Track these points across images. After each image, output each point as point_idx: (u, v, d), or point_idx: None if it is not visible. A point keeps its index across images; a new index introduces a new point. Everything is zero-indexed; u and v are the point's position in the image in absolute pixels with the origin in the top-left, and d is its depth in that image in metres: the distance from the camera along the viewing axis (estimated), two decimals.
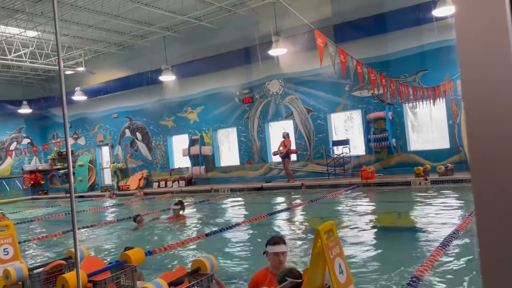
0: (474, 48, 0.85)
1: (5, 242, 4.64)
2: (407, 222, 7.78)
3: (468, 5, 0.86)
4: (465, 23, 0.86)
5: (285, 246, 3.55)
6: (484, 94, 0.85)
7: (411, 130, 14.16)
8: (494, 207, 0.83)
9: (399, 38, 13.58)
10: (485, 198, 0.84)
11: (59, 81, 2.21)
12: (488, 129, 0.84)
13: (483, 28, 0.84)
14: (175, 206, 9.87)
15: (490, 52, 0.84)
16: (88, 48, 18.64)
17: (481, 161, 0.85)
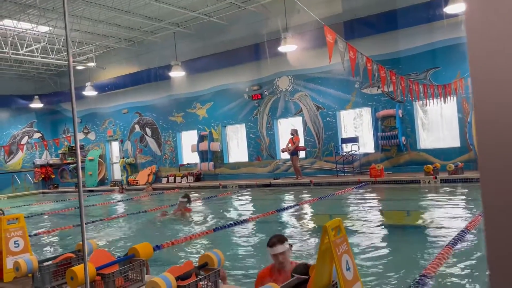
0: (484, 46, 0.85)
1: (15, 235, 4.71)
2: (416, 220, 7.73)
3: (478, 3, 0.85)
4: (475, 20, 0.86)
5: (282, 246, 3.49)
6: (494, 93, 0.84)
7: (421, 128, 14.05)
8: (503, 206, 0.83)
9: (410, 35, 13.46)
10: (493, 197, 0.84)
11: (69, 76, 2.23)
12: (498, 128, 0.83)
13: (493, 26, 0.84)
14: (182, 199, 9.99)
15: (500, 50, 0.83)
16: (99, 44, 18.75)
17: (490, 160, 0.85)
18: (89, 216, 11.41)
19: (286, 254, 3.52)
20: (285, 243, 3.53)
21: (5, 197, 20.73)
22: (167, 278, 3.13)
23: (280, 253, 3.49)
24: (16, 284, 4.39)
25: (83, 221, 2.28)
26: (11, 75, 22.29)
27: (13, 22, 15.26)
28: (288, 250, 3.54)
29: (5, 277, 4.49)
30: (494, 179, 0.84)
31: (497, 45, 0.83)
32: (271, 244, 3.54)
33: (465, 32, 0.88)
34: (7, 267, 4.49)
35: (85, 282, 2.28)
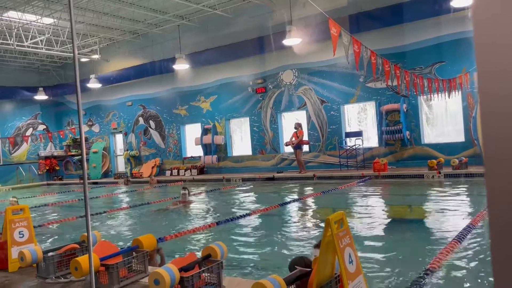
0: (491, 40, 0.84)
1: (20, 225, 4.75)
2: (419, 215, 7.73)
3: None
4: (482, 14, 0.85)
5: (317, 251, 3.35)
6: (500, 87, 0.84)
7: (426, 123, 14.01)
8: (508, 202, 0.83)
9: (415, 29, 13.38)
10: (498, 192, 0.84)
11: (74, 69, 2.24)
12: (503, 123, 0.83)
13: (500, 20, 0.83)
14: (184, 191, 10.31)
15: (508, 44, 0.83)
16: (103, 36, 18.74)
17: (495, 155, 0.84)
18: (93, 208, 11.48)
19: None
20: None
21: (9, 188, 20.87)
22: (171, 269, 3.16)
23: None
24: (21, 274, 4.44)
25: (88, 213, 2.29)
26: (15, 67, 22.35)
27: (18, 13, 15.27)
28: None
29: (10, 267, 4.54)
30: (499, 174, 0.84)
31: (504, 39, 0.83)
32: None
33: (472, 26, 0.88)
34: (12, 257, 4.54)
35: (90, 272, 2.30)
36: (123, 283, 3.80)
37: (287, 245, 5.92)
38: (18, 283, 4.22)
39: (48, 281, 4.11)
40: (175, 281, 3.15)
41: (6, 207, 4.87)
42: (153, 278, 3.13)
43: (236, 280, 3.78)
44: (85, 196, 2.35)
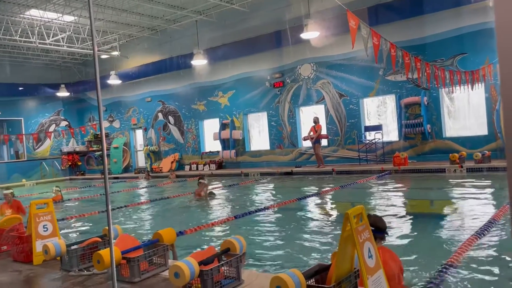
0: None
1: (44, 219, 4.87)
2: (440, 209, 7.62)
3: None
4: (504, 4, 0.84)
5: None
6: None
7: (447, 116, 13.75)
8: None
9: (436, 20, 13.11)
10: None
11: (94, 65, 2.27)
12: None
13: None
14: (203, 181, 10.45)
15: None
16: (123, 33, 18.95)
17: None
18: (115, 202, 11.68)
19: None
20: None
21: (34, 183, 21.41)
22: (190, 262, 3.20)
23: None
24: (45, 267, 4.56)
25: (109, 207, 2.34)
26: (38, 64, 22.83)
27: (39, 12, 15.56)
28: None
29: (35, 260, 4.67)
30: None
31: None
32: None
33: (494, 16, 0.86)
34: (37, 250, 4.67)
35: (111, 265, 2.35)
36: (144, 276, 3.88)
37: (305, 239, 5.92)
38: (42, 275, 4.33)
39: (72, 274, 4.21)
40: (195, 275, 3.19)
41: (31, 201, 5.00)
42: (173, 271, 3.17)
43: (255, 274, 3.80)
44: (106, 191, 2.39)
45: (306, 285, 2.72)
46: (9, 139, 22.19)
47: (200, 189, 10.44)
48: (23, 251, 4.82)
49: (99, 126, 22.24)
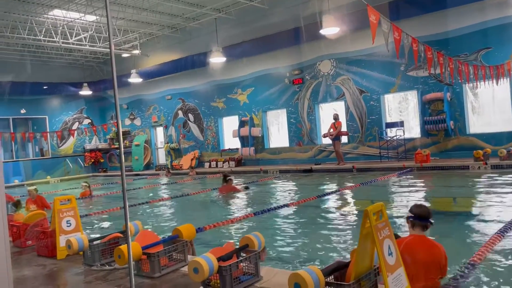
0: None
1: (68, 215, 4.97)
2: (463, 207, 7.46)
3: None
4: None
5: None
6: None
7: (471, 112, 13.44)
8: None
9: (459, 14, 12.81)
10: None
11: (110, 64, 2.30)
12: None
13: None
14: (230, 177, 10.92)
15: None
16: (143, 31, 19.17)
17: None
18: (136, 198, 11.85)
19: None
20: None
21: (58, 180, 21.90)
22: (209, 258, 3.21)
23: None
24: (68, 262, 4.66)
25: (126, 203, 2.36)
26: (61, 63, 23.30)
27: (62, 12, 15.87)
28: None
29: (59, 255, 4.77)
30: None
31: None
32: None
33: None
34: (60, 245, 4.77)
35: (128, 260, 2.38)
36: (164, 271, 3.92)
37: (325, 236, 5.88)
38: (66, 270, 4.43)
39: (94, 268, 4.29)
40: (214, 270, 3.20)
41: (55, 197, 5.11)
42: (193, 267, 3.19)
43: (273, 270, 3.80)
44: (123, 188, 2.42)
45: (325, 282, 2.70)
46: (34, 136, 22.75)
47: (228, 185, 10.72)
48: (47, 245, 4.93)
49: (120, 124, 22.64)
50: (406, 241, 3.33)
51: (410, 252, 3.22)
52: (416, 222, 3.42)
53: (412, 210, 3.49)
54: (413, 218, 3.43)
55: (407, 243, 3.31)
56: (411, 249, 3.25)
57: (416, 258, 3.20)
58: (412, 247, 3.27)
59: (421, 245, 3.30)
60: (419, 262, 3.20)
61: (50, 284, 4.00)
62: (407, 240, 3.35)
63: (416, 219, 3.42)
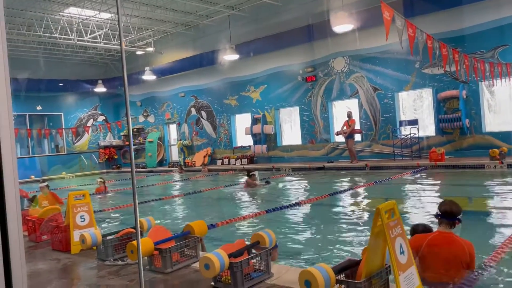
0: None
1: (82, 210, 5.03)
2: (478, 207, 7.35)
3: None
4: None
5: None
6: None
7: (487, 110, 13.22)
8: None
9: (476, 10, 12.60)
10: None
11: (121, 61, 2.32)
12: None
13: None
14: (254, 173, 11.30)
15: None
16: (157, 29, 19.28)
17: None
18: (149, 194, 11.95)
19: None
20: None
21: (73, 176, 22.20)
22: (220, 255, 3.22)
23: None
24: (82, 256, 4.72)
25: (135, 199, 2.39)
26: (77, 60, 23.58)
27: (78, 9, 16.05)
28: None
29: (73, 249, 4.84)
30: None
31: None
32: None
33: None
34: (74, 240, 4.84)
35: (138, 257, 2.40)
36: (175, 266, 3.94)
37: (336, 234, 5.85)
38: (79, 264, 4.49)
39: (107, 263, 4.34)
40: (225, 267, 3.22)
41: (69, 193, 5.18)
42: (204, 263, 3.21)
43: (284, 267, 3.80)
44: (133, 184, 2.44)
45: (336, 279, 2.69)
46: (49, 133, 23.09)
47: (251, 180, 11.11)
48: (62, 240, 5.00)
49: (134, 122, 22.65)
50: (430, 237, 3.48)
51: (431, 247, 3.39)
52: (441, 219, 3.53)
53: (439, 207, 3.60)
54: (439, 215, 3.55)
55: (430, 239, 3.46)
56: (432, 245, 3.41)
57: (435, 253, 3.36)
58: (434, 243, 3.42)
59: (443, 241, 3.41)
60: (439, 258, 3.35)
61: (64, 278, 4.06)
62: (431, 236, 3.49)
63: (441, 216, 3.53)
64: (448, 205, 3.56)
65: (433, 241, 3.43)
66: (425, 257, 3.39)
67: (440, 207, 3.58)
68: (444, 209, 3.52)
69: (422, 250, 3.42)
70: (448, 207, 3.52)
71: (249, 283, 3.34)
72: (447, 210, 3.50)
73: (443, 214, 3.51)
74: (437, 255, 3.35)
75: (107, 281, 3.82)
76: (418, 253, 3.42)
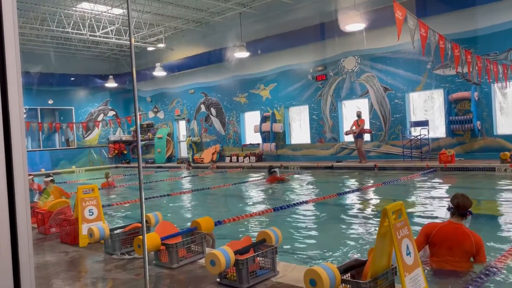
0: None
1: (90, 204, 5.08)
2: (487, 210, 7.28)
3: None
4: None
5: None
6: None
7: (499, 112, 13.07)
8: None
9: (489, 11, 12.45)
10: None
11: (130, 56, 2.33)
12: None
13: None
14: (275, 170, 11.73)
15: None
16: (168, 25, 19.34)
17: None
18: (157, 190, 12.02)
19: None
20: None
21: (83, 170, 22.40)
22: (226, 251, 3.23)
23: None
24: (90, 249, 4.77)
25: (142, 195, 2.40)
26: (88, 55, 23.76)
27: (90, 5, 16.16)
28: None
29: (81, 242, 4.89)
30: None
31: None
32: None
33: None
34: (82, 233, 4.88)
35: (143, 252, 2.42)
36: (182, 262, 3.96)
37: (343, 234, 5.84)
38: (87, 257, 4.54)
39: (114, 257, 4.38)
40: (230, 263, 3.22)
41: (78, 186, 5.22)
42: (209, 259, 3.23)
43: (290, 266, 3.80)
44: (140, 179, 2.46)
45: (341, 279, 2.68)
46: (60, 127, 23.32)
47: (273, 177, 11.54)
48: (70, 233, 5.05)
49: (144, 117, 22.76)
50: (440, 226, 3.86)
51: (439, 234, 3.77)
52: (453, 212, 3.86)
53: (451, 200, 3.91)
54: (451, 208, 3.87)
55: (440, 227, 3.85)
56: (440, 232, 3.78)
57: (442, 241, 3.73)
58: (442, 231, 3.78)
59: (451, 231, 3.75)
60: (446, 246, 3.70)
61: (72, 270, 4.10)
62: (442, 225, 3.87)
63: (453, 209, 3.85)
64: (460, 199, 3.83)
65: (442, 229, 3.78)
66: (434, 243, 3.75)
67: (452, 200, 3.86)
68: (456, 202, 3.81)
69: (431, 236, 3.76)
70: (460, 200, 3.81)
71: (254, 281, 3.35)
72: (459, 203, 3.78)
73: (456, 207, 3.80)
74: (443, 243, 3.68)
75: (113, 274, 3.86)
76: (428, 238, 3.78)
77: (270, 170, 11.90)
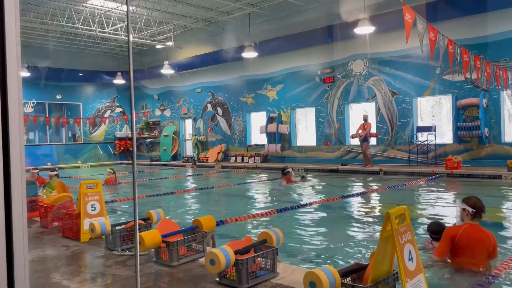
0: None
1: (93, 199, 5.08)
2: (492, 217, 7.18)
3: None
4: None
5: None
6: None
7: (508, 120, 12.94)
8: None
9: (500, 18, 12.33)
10: None
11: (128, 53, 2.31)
12: None
13: None
14: (289, 170, 11.85)
15: None
16: (177, 24, 19.37)
17: None
18: (162, 187, 12.02)
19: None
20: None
21: (89, 165, 22.49)
22: (226, 251, 3.21)
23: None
24: (91, 245, 4.76)
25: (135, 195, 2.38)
26: (97, 52, 23.87)
27: (100, 1, 16.22)
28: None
29: (82, 237, 4.89)
30: None
31: None
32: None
33: None
34: (84, 228, 4.88)
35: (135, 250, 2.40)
36: (182, 260, 3.94)
37: (345, 237, 5.79)
38: (88, 252, 4.53)
39: (115, 253, 4.37)
40: (230, 263, 3.20)
41: (81, 181, 5.23)
42: (209, 258, 3.20)
43: (290, 267, 3.76)
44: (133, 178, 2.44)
45: (341, 283, 2.65)
46: (67, 122, 23.44)
47: (288, 177, 11.67)
48: (72, 228, 5.05)
49: (151, 114, 22.75)
50: (463, 228, 4.05)
51: (465, 236, 3.97)
52: (476, 215, 4.07)
53: (469, 204, 4.10)
54: (474, 212, 4.06)
55: (464, 229, 4.04)
56: (465, 235, 3.98)
57: (468, 243, 3.95)
58: (467, 234, 3.99)
59: (475, 233, 4.01)
60: (470, 247, 3.94)
61: (72, 265, 4.10)
62: (464, 227, 4.05)
63: (477, 213, 4.06)
64: (480, 202, 4.09)
65: (466, 231, 4.01)
66: (459, 246, 3.97)
67: (475, 206, 4.06)
68: (480, 206, 4.05)
69: (457, 239, 3.98)
70: (481, 204, 4.07)
71: (254, 281, 3.32)
72: (482, 207, 4.06)
73: (479, 210, 4.05)
74: (468, 244, 3.94)
75: (113, 270, 3.85)
76: (454, 241, 3.99)
77: (284, 171, 11.93)
